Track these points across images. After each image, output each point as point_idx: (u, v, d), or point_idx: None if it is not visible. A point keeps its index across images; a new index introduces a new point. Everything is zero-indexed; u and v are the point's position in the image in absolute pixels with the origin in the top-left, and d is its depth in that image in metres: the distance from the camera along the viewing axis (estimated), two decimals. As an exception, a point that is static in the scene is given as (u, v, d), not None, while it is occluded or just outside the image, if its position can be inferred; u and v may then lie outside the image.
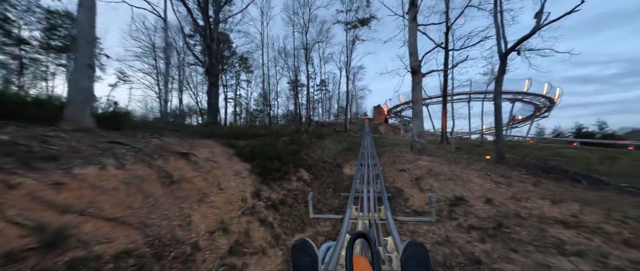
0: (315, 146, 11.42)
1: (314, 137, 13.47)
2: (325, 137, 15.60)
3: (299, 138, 10.39)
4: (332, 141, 14.90)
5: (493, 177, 6.79)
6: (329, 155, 10.33)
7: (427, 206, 5.29)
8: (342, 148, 12.77)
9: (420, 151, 8.94)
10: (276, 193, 4.89)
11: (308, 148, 10.17)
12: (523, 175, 8.08)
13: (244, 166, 5.12)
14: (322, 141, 13.50)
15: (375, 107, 51.79)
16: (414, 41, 9.35)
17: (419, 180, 6.56)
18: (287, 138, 9.08)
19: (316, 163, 8.48)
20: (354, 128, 29.49)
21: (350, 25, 20.08)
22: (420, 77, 9.16)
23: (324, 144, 12.87)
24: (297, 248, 0.79)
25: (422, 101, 9.34)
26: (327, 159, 9.51)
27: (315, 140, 12.93)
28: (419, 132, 9.11)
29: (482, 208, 4.71)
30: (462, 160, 9.38)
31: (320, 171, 7.85)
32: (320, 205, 5.42)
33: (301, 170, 7.08)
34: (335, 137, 17.07)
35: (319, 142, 12.84)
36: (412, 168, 7.46)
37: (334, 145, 13.73)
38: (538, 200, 5.07)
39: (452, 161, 8.73)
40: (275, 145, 7.61)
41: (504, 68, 10.93)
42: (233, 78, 35.35)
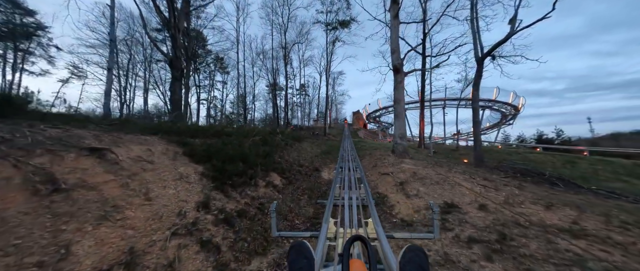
0: (291, 149, 10.45)
1: (291, 139, 12.49)
2: (303, 140, 14.68)
3: (273, 139, 9.36)
4: (310, 144, 14.03)
5: (479, 181, 6.38)
6: (306, 158, 9.42)
7: (415, 214, 4.62)
8: (320, 152, 11.94)
9: (403, 154, 8.43)
10: (235, 202, 3.85)
11: (283, 150, 9.17)
12: (504, 178, 7.89)
13: (194, 168, 4.01)
14: (299, 144, 12.56)
15: (354, 112, 52.18)
16: (396, 39, 8.95)
17: (403, 184, 5.92)
18: (258, 138, 8.01)
19: (291, 166, 7.52)
20: (333, 133, 28.95)
21: (330, 26, 19.68)
22: (402, 76, 8.74)
23: (301, 147, 11.94)
24: (294, 250, 0.81)
25: (404, 101, 8.92)
26: (303, 162, 8.59)
27: (292, 143, 11.96)
28: (401, 134, 8.62)
29: (477, 215, 4.13)
30: (443, 164, 9.06)
31: (295, 175, 6.89)
32: (292, 215, 4.48)
33: (272, 174, 6.08)
34: (313, 140, 16.22)
35: (296, 145, 11.88)
36: (396, 172, 6.84)
37: (312, 148, 12.87)
38: (531, 205, 4.66)
39: (435, 164, 8.32)
40: (242, 145, 6.53)
41: (481, 72, 11.05)
42: (207, 79, 33.31)
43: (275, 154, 7.99)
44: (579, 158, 16.96)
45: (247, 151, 6.10)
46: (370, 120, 34.02)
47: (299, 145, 12.05)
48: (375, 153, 10.99)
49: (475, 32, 11.41)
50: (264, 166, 6.08)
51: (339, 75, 46.24)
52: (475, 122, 10.78)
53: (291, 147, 10.86)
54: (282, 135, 11.83)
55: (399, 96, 8.67)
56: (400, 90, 8.67)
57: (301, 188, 5.94)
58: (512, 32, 10.05)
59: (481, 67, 11.16)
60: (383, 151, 12.44)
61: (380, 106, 28.22)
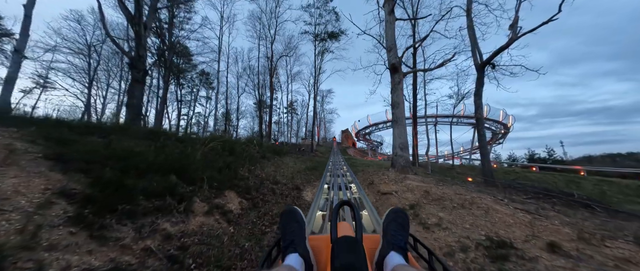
0: (268, 163, 8.56)
1: (271, 153, 10.62)
2: (285, 155, 12.80)
3: (244, 149, 7.48)
4: (293, 159, 12.16)
5: (512, 204, 4.81)
6: (285, 174, 7.55)
7: (449, 259, 2.88)
8: (304, 167, 10.09)
9: (405, 168, 6.81)
10: (116, 250, 1.94)
11: (256, 163, 7.29)
12: (528, 200, 6.41)
13: (46, 180, 2.12)
14: (280, 158, 10.68)
15: (343, 131, 51.27)
16: (392, 35, 7.78)
17: (415, 208, 4.19)
18: (216, 144, 6.11)
19: (261, 183, 5.63)
20: (321, 150, 27.21)
21: (318, 37, 18.90)
22: (400, 76, 7.43)
23: (282, 161, 10.06)
24: (285, 215, 0.87)
25: (404, 104, 7.51)
26: (280, 179, 6.71)
27: (271, 156, 10.07)
28: (401, 144, 7.06)
29: (556, 264, 2.47)
30: (449, 182, 7.52)
31: (265, 195, 4.99)
32: (244, 263, 2.59)
33: (229, 193, 4.18)
34: (298, 156, 14.37)
35: (276, 159, 10.00)
36: (401, 191, 5.14)
37: (296, 163, 11.00)
38: (615, 242, 3.07)
39: (442, 182, 6.75)
40: (188, 154, 4.63)
41: (482, 80, 10.09)
42: (190, 94, 31.44)
43: (243, 167, 6.10)
44: (578, 177, 16.13)
45: (192, 161, 4.21)
46: (359, 138, 32.80)
47: (279, 160, 10.16)
48: (368, 170, 9.30)
49: (474, 40, 10.65)
50: (218, 182, 4.18)
51: (328, 93, 46.01)
52: (480, 135, 9.55)
53: (269, 160, 8.98)
54: (259, 146, 9.95)
55: (398, 99, 7.27)
56: (398, 92, 7.30)
57: (270, 215, 4.03)
58: (514, 37, 9.27)
59: (482, 74, 10.23)
60: (377, 168, 10.80)
61: (370, 122, 27.21)
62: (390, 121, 25.95)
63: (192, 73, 31.14)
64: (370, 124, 27.25)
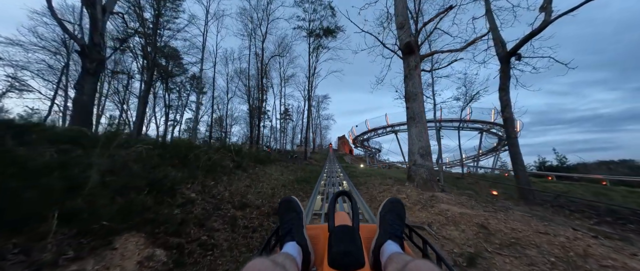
0: (244, 174, 6.53)
1: (253, 161, 8.59)
2: (271, 163, 10.76)
3: (200, 155, 5.44)
4: (281, 169, 10.12)
5: (606, 241, 2.91)
6: (263, 192, 5.51)
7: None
8: (294, 179, 8.06)
9: (428, 182, 4.86)
10: None
11: (221, 177, 5.26)
12: (596, 225, 4.53)
13: None
14: (263, 168, 8.64)
15: (340, 137, 49.50)
16: (404, 9, 6.01)
17: (477, 262, 2.25)
18: (142, 148, 4.07)
19: (215, 210, 3.59)
20: (316, 158, 25.17)
21: (313, 33, 17.22)
22: (418, 59, 5.60)
23: (265, 173, 8.02)
24: (284, 204, 0.88)
25: (423, 96, 5.63)
26: (253, 199, 4.68)
27: (252, 166, 8.03)
28: (422, 148, 5.13)
29: None
30: (479, 200, 5.64)
31: (211, 235, 2.96)
32: None
33: (127, 240, 2.14)
34: (288, 165, 12.32)
35: (257, 169, 7.96)
36: (437, 222, 3.19)
37: (283, 174, 8.96)
38: None
39: (481, 203, 4.83)
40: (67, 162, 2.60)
41: (508, 72, 8.37)
42: (179, 99, 29.56)
43: (193, 183, 4.07)
44: (603, 188, 14.48)
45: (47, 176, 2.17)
46: (357, 145, 30.91)
47: (260, 170, 8.12)
48: (373, 182, 7.35)
49: (494, 26, 8.99)
50: (110, 216, 2.17)
51: (324, 98, 44.36)
52: (511, 138, 7.73)
53: (245, 171, 6.93)
54: (236, 153, 7.91)
55: (415, 88, 5.41)
56: (415, 80, 5.45)
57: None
58: (547, 20, 7.60)
59: (507, 66, 8.52)
60: (382, 178, 8.84)
61: (369, 128, 25.43)
62: (389, 126, 24.17)
63: (181, 77, 29.39)
64: (369, 129, 25.47)
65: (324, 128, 51.60)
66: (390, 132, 24.74)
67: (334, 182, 7.45)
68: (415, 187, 4.92)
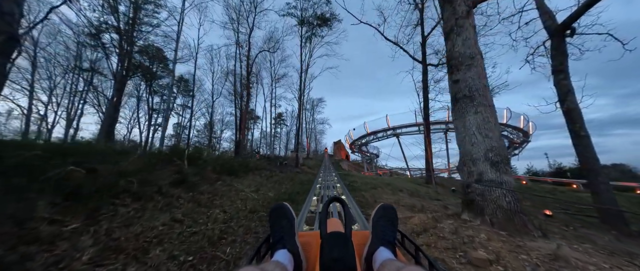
0: (184, 197, 4.04)
1: (218, 172, 6.10)
2: (250, 172, 8.25)
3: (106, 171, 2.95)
4: (260, 180, 7.62)
5: None
6: (204, 233, 3.03)
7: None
8: (273, 196, 5.55)
9: (514, 218, 2.49)
10: None
11: (117, 206, 2.79)
12: None
13: None
14: (233, 180, 6.15)
15: (335, 142, 47.21)
16: None
17: None
18: None
19: None
20: (310, 164, 22.68)
21: (305, 22, 15.04)
22: (469, 4, 3.31)
23: (233, 188, 5.51)
24: (275, 211, 0.84)
25: (482, 61, 3.29)
26: (158, 260, 2.18)
27: (214, 179, 5.54)
28: (493, 151, 2.79)
29: None
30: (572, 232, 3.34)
31: None
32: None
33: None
34: (272, 174, 9.82)
35: (219, 184, 5.47)
36: None
37: (260, 188, 6.44)
38: None
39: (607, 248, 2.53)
40: None
41: (564, 49, 6.25)
42: (163, 103, 27.22)
43: None
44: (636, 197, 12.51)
45: None
46: (354, 150, 28.59)
47: (226, 185, 5.61)
48: (380, 195, 5.00)
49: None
50: None
51: (319, 101, 42.15)
52: (577, 135, 5.46)
53: (193, 190, 4.45)
54: (190, 162, 5.41)
55: (468, 47, 3.12)
56: (468, 34, 3.16)
57: None
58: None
59: (561, 41, 6.40)
60: (390, 191, 6.50)
61: (368, 131, 23.17)
62: (391, 128, 21.96)
63: (167, 79, 27.13)
64: (368, 133, 23.21)
65: (319, 133, 49.26)
66: (391, 136, 22.53)
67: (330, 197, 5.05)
68: (486, 224, 2.55)
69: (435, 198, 7.65)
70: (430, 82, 15.63)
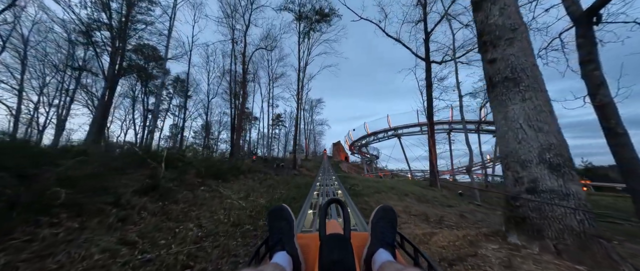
0: (150, 209, 3.26)
1: (202, 176, 5.33)
2: (241, 176, 7.47)
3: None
4: (251, 184, 6.85)
5: None
6: (166, 262, 2.27)
7: None
8: (264, 203, 4.76)
9: (591, 246, 1.75)
10: None
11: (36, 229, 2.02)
12: None
13: None
14: (220, 185, 5.37)
15: (335, 143, 46.51)
16: None
17: None
18: None
19: None
20: (308, 166, 21.90)
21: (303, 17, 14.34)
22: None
23: (217, 195, 4.73)
24: (274, 213, 0.83)
25: (527, 31, 2.58)
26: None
27: (197, 185, 4.78)
28: (550, 150, 2.07)
29: None
30: None
31: None
32: None
33: None
34: (266, 177, 9.05)
35: (202, 190, 4.70)
36: None
37: (250, 194, 5.65)
38: None
39: None
40: None
41: (592, 37, 5.56)
42: (164, 103, 26.63)
43: None
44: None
45: None
46: (353, 151, 27.84)
47: (209, 191, 4.84)
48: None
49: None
50: None
51: (318, 102, 41.42)
52: (615, 133, 4.77)
53: (167, 198, 3.68)
54: (167, 164, 4.64)
55: (509, 18, 2.41)
56: (507, 1, 2.47)
57: None
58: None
59: (588, 29, 5.71)
60: (397, 197, 5.77)
61: (368, 132, 22.44)
62: (392, 129, 21.23)
63: (163, 79, 26.53)
64: (368, 133, 22.47)
65: (318, 134, 48.53)
66: (392, 136, 21.80)
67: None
68: (549, 252, 1.81)
69: (446, 204, 6.92)
70: (433, 80, 14.95)
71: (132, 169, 4.29)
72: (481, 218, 4.79)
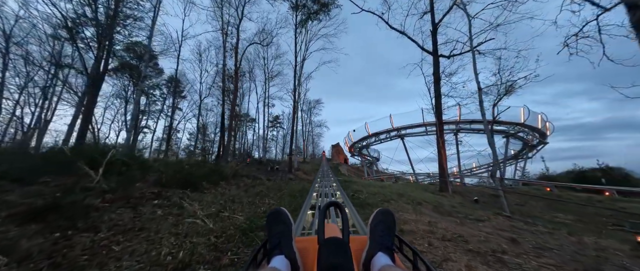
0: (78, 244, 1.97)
1: (164, 185, 4.06)
2: (223, 182, 6.16)
3: None
4: (235, 193, 5.55)
5: None
6: None
7: None
8: (243, 221, 3.46)
9: None
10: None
11: None
12: None
13: None
14: (189, 197, 4.08)
15: (334, 145, 45.25)
16: None
17: None
18: None
19: None
20: (306, 168, 20.58)
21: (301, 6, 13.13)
22: None
23: (178, 215, 3.45)
24: (273, 216, 0.83)
25: None
26: None
27: (150, 198, 3.50)
28: None
29: None
30: None
31: None
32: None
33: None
34: (255, 183, 7.75)
35: (155, 207, 3.40)
36: None
37: (229, 206, 4.37)
38: None
39: None
40: None
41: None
42: (157, 103, 25.46)
43: None
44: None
45: None
46: (353, 153, 26.56)
47: (171, 202, 3.56)
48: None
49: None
50: None
51: (317, 103, 40.20)
52: None
53: (75, 221, 2.41)
54: (106, 171, 3.36)
55: None
56: None
57: None
58: None
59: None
60: (409, 206, 4.55)
61: (370, 132, 21.21)
62: (395, 129, 20.00)
63: (157, 80, 25.34)
64: (370, 134, 21.24)
65: (317, 136, 47.25)
66: (395, 137, 20.57)
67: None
68: None
69: (473, 216, 5.64)
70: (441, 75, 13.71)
71: (52, 176, 3.00)
72: (536, 242, 3.53)
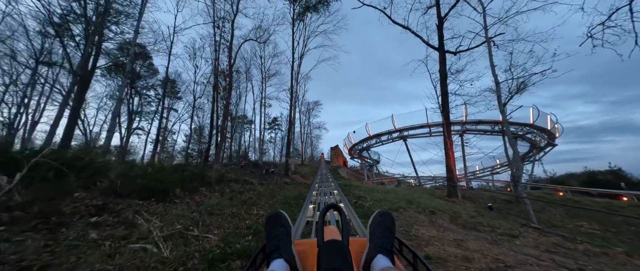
0: None
1: (102, 198, 3.15)
2: (200, 189, 5.22)
3: None
4: (215, 202, 4.59)
5: None
6: None
7: None
8: (215, 243, 2.52)
9: None
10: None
11: None
12: None
13: None
14: (139, 207, 3.15)
15: (333, 148, 44.23)
16: None
17: None
18: None
19: None
20: (304, 171, 19.62)
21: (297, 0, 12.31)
22: None
23: (116, 233, 2.51)
24: (271, 219, 0.82)
25: None
26: None
27: (80, 211, 2.57)
28: None
29: None
30: None
31: None
32: None
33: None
34: (244, 189, 6.80)
35: (98, 225, 2.46)
36: None
37: (212, 218, 3.43)
38: None
39: None
40: None
41: None
42: (152, 104, 24.57)
43: None
44: None
45: None
46: (353, 155, 25.63)
47: (121, 219, 2.62)
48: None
49: None
50: None
51: (315, 105, 39.33)
52: None
53: None
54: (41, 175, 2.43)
55: None
56: None
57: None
58: None
59: None
60: (425, 218, 3.64)
61: (371, 133, 20.30)
62: (397, 130, 19.11)
63: (152, 80, 24.40)
64: (371, 135, 20.32)
65: (315, 138, 46.27)
66: (397, 139, 19.67)
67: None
68: None
69: (500, 230, 4.72)
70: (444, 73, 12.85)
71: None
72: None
